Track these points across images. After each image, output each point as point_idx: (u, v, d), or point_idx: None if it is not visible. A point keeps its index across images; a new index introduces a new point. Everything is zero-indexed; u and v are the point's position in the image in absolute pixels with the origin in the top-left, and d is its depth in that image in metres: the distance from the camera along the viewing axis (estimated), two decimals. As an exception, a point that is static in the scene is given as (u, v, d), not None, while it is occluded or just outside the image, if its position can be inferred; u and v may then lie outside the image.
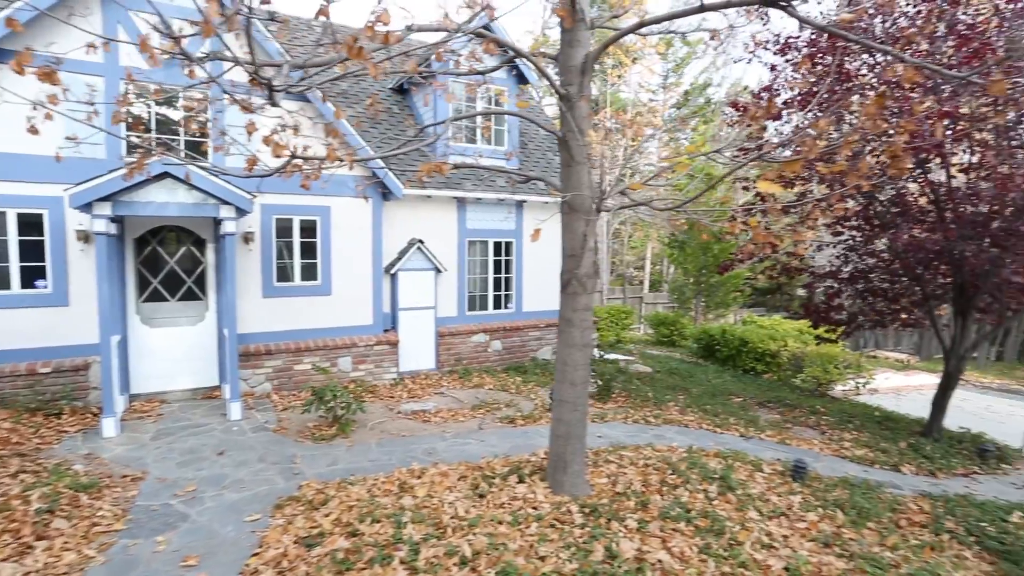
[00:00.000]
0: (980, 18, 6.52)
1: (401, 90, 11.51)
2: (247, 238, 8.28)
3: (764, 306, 25.23)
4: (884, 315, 8.44)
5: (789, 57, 7.87)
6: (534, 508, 4.68)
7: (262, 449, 6.19)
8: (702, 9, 4.08)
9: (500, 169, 5.41)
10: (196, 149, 7.83)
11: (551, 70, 5.15)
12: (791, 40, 7.80)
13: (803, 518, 4.99)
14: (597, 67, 29.57)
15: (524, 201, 10.90)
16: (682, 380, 11.19)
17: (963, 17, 6.76)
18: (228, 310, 7.24)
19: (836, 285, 8.53)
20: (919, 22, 6.68)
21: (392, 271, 9.67)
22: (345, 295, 9.14)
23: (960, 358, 8.08)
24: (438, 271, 10.12)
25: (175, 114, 7.78)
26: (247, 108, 2.93)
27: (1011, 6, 6.49)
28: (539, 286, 11.33)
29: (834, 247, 8.70)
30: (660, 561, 4.00)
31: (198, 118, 7.81)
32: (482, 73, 5.35)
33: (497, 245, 11.03)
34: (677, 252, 17.77)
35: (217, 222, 7.56)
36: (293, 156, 3.86)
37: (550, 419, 5.52)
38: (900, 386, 15.07)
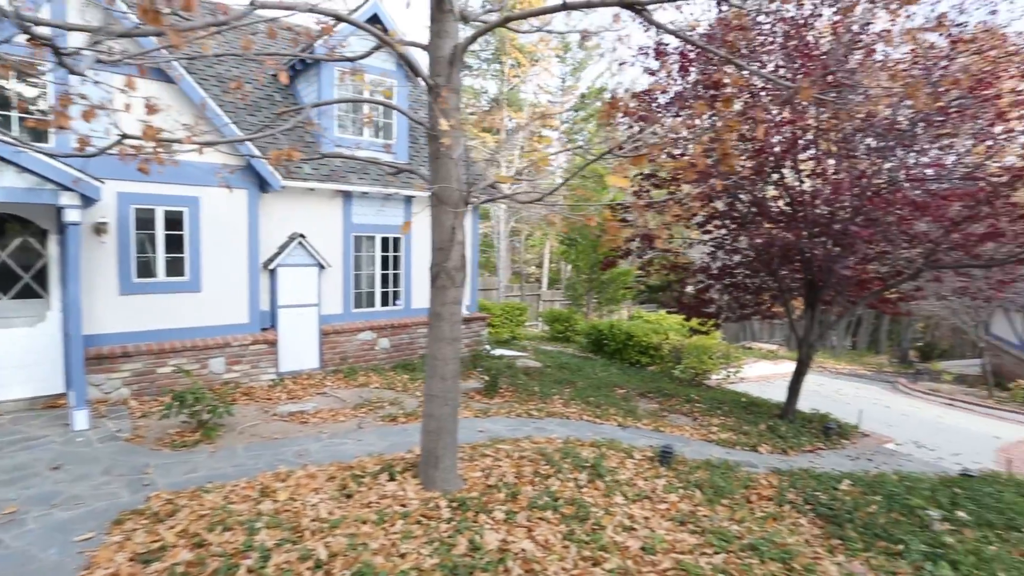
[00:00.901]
0: (821, 39, 7.22)
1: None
2: (99, 229, 7.52)
3: (656, 302, 26.60)
4: (748, 308, 9.14)
5: (663, 63, 8.30)
6: (402, 506, 4.59)
7: (109, 461, 5.63)
8: (564, 7, 4.17)
9: (372, 160, 5.26)
10: (37, 131, 6.99)
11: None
12: (661, 46, 8.23)
13: (665, 499, 5.26)
14: (497, 66, 29.86)
15: (413, 196, 10.73)
16: (570, 374, 11.51)
17: (809, 39, 7.46)
18: (73, 309, 6.53)
19: (707, 280, 9.12)
20: (774, 38, 7.29)
21: (271, 267, 9.17)
22: (217, 292, 8.55)
23: (810, 346, 8.91)
24: (321, 267, 9.72)
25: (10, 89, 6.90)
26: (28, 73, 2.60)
27: (839, 30, 7.22)
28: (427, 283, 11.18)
29: (704, 244, 9.31)
30: (523, 550, 4.05)
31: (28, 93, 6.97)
32: (351, 59, 5.18)
33: (385, 241, 10.78)
34: (570, 250, 18.30)
35: (59, 210, 6.79)
36: (124, 136, 3.52)
37: (426, 415, 5.45)
38: (769, 374, 16.40)
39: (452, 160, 4.63)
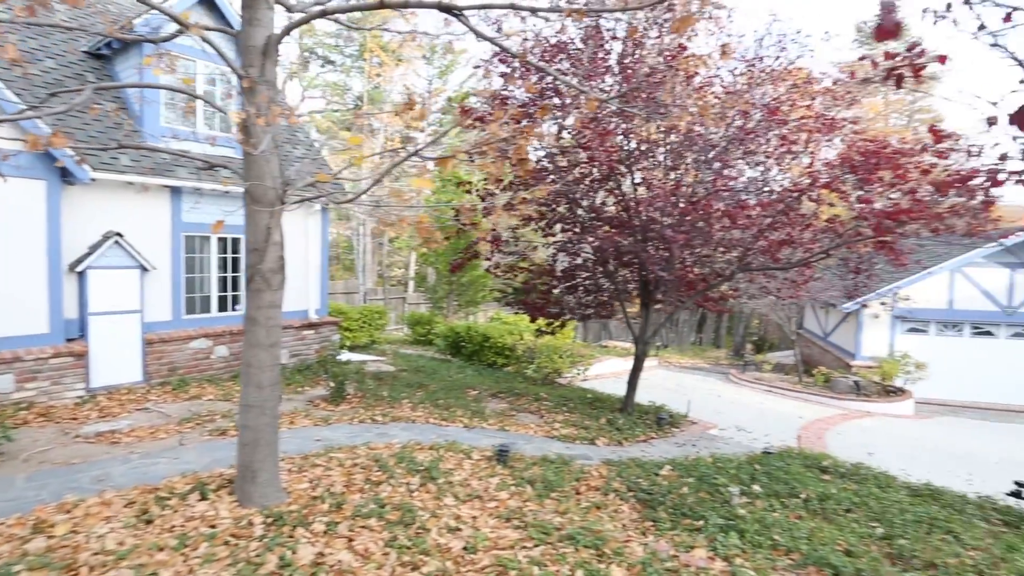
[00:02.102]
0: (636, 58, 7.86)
1: (99, 55, 9.76)
2: None
3: (523, 304, 27.30)
4: (590, 308, 9.67)
5: (507, 69, 8.53)
6: (210, 527, 4.24)
7: None
8: (382, 6, 4.11)
9: (182, 153, 4.83)
10: None
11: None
12: (504, 54, 8.47)
13: (496, 497, 5.36)
14: (363, 63, 29.04)
15: (255, 194, 10.05)
16: (425, 377, 11.43)
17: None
18: None
19: (551, 281, 9.51)
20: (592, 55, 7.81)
21: (79, 269, 8.12)
22: (6, 297, 7.40)
23: (645, 343, 9.61)
24: (144, 269, 8.78)
25: None
26: None
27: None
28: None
29: (548, 247, 9.71)
30: (340, 561, 3.91)
31: None
32: (154, 41, 4.73)
33: (224, 241, 10.01)
34: (429, 252, 18.22)
35: None
36: None
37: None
38: (621, 371, 17.45)
39: (265, 156, 4.37)
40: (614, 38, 7.66)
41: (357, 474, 5.44)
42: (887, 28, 1.77)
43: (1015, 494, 6.34)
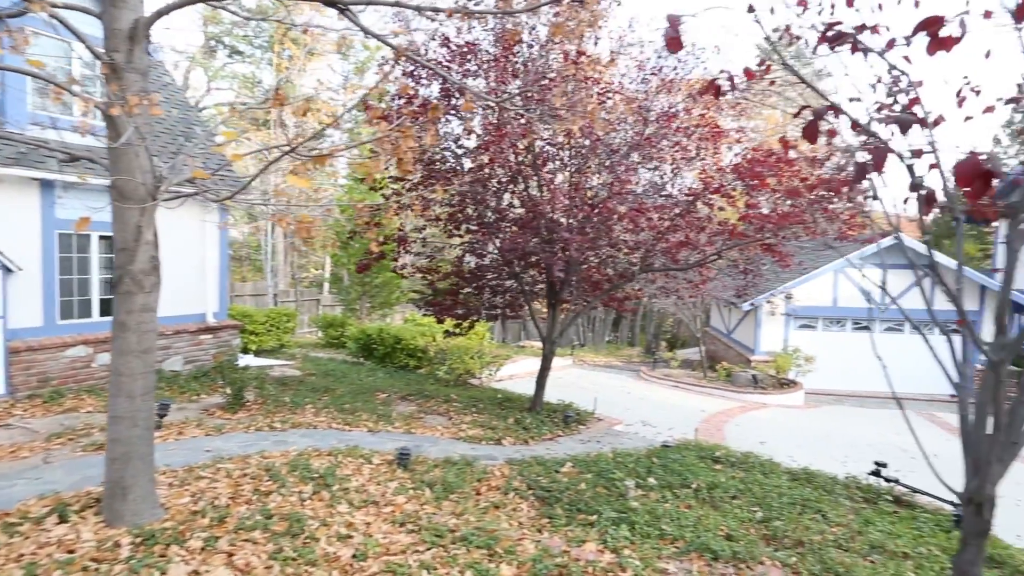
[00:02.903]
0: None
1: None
2: None
3: (430, 304, 27.08)
4: (497, 308, 9.74)
5: (410, 68, 8.43)
6: (68, 552, 3.90)
7: None
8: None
9: (39, 143, 4.42)
10: None
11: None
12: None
13: (393, 502, 5.27)
14: (272, 55, 27.81)
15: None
16: (333, 381, 11.10)
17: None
18: None
19: (459, 282, 9.50)
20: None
21: (-73, 270, 7.26)
22: None
23: (553, 343, 9.79)
24: (7, 270, 7.98)
25: None
26: None
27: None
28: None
29: (455, 248, 9.69)
30: (216, 579, 3.70)
31: None
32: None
33: (106, 240, 9.26)
34: (341, 253, 17.73)
35: None
36: None
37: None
38: (536, 370, 17.69)
39: (134, 149, 4.07)
40: (519, 41, 7.77)
41: (246, 485, 5.19)
42: (672, 40, 1.88)
43: (875, 473, 6.96)
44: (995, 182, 1.29)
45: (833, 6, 2.77)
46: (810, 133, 1.92)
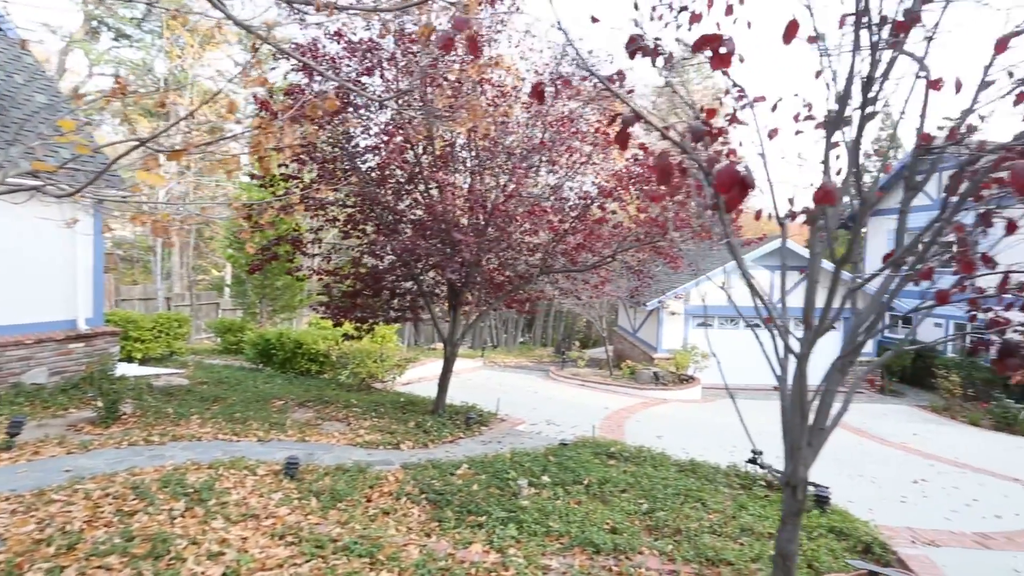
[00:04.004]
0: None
1: None
2: None
3: (326, 307, 26.30)
4: (396, 311, 9.59)
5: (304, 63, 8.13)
6: None
7: None
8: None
9: None
10: None
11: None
12: (299, 46, 8.10)
13: (274, 514, 5.05)
14: (162, 42, 25.96)
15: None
16: (226, 389, 10.50)
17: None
18: None
19: (357, 284, 9.26)
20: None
21: None
22: None
23: (454, 345, 9.76)
24: None
25: None
26: None
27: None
28: (22, 292, 8.96)
29: (353, 250, 9.46)
30: (58, 611, 3.38)
31: None
32: None
33: (-48, 238, 8.26)
34: (237, 254, 16.85)
35: None
36: None
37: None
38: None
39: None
40: (412, 40, 7.69)
41: (106, 506, 4.79)
42: (620, 139, 1.93)
43: (752, 460, 7.44)
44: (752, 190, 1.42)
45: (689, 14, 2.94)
46: (620, 140, 2.02)
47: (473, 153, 8.87)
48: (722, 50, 1.54)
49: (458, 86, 6.99)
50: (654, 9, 3.47)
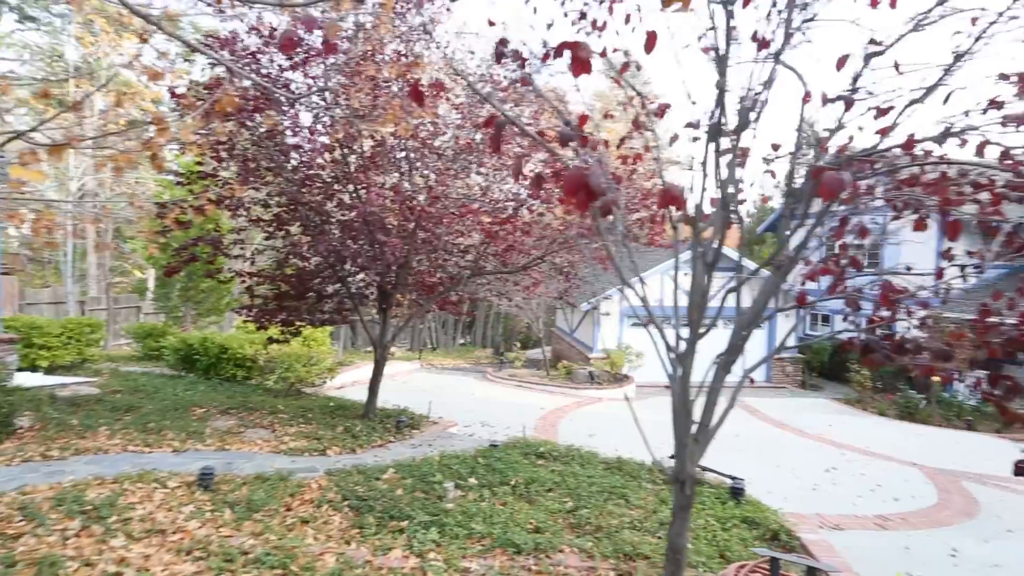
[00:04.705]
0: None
1: None
2: None
3: (248, 310, 25.37)
4: (324, 313, 9.36)
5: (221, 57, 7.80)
6: None
7: None
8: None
9: None
10: None
11: None
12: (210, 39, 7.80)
13: (183, 528, 4.82)
14: (74, 27, 24.32)
15: None
16: (143, 398, 9.94)
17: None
18: None
19: (282, 286, 8.98)
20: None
21: None
22: None
23: (384, 348, 9.61)
24: None
25: None
26: None
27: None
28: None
29: (279, 251, 9.17)
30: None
31: None
32: None
33: None
34: (158, 255, 15.97)
35: None
36: None
37: None
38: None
39: None
40: (336, 34, 7.50)
41: (-12, 529, 4.43)
42: (493, 142, 1.92)
43: (674, 456, 7.69)
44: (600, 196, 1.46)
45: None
46: (493, 143, 2.04)
47: (403, 154, 8.77)
48: (581, 55, 1.58)
49: (383, 86, 6.87)
50: (566, 15, 3.54)
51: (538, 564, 4.68)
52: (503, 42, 2.09)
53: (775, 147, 2.50)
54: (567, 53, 1.60)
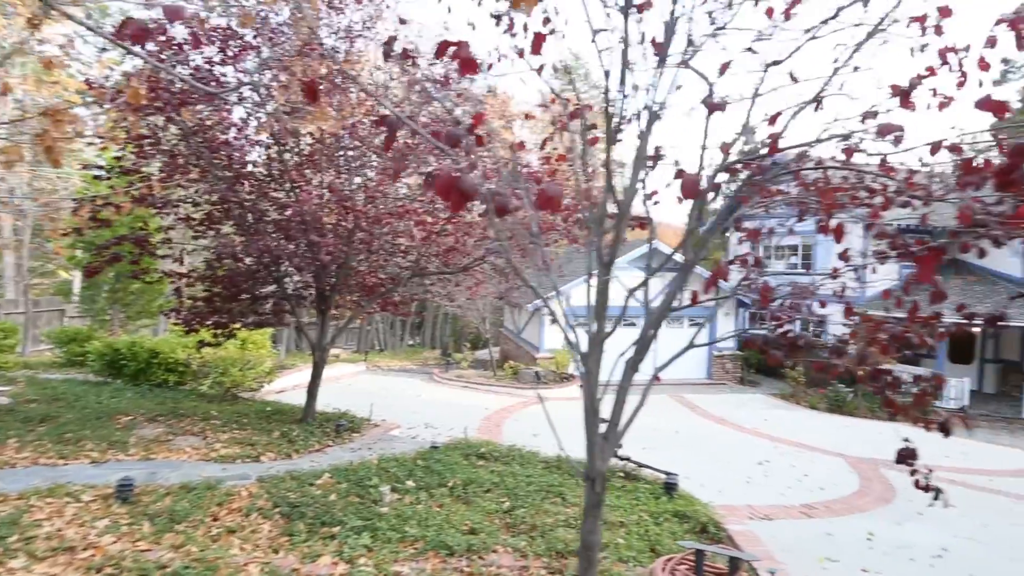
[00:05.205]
0: None
1: None
2: None
3: (176, 312, 24.45)
4: (260, 315, 9.07)
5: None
6: None
7: None
8: None
9: None
10: None
11: None
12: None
13: (95, 544, 4.56)
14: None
15: None
16: (62, 407, 9.38)
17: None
18: None
19: (213, 287, 8.64)
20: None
21: None
22: None
23: (323, 350, 9.40)
24: None
25: None
26: None
27: None
28: None
29: (209, 251, 8.83)
30: None
31: None
32: None
33: None
34: (83, 255, 15.11)
35: None
36: None
37: None
38: (323, 378, 16.92)
39: None
40: (274, 31, 7.29)
41: None
42: (387, 142, 1.89)
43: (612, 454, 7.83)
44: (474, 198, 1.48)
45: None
46: (388, 143, 2.03)
47: (341, 152, 8.59)
48: (463, 55, 1.58)
49: (316, 83, 6.67)
50: (497, 19, 3.54)
51: (470, 566, 4.67)
52: (390, 41, 2.06)
53: (656, 153, 2.57)
54: (451, 51, 1.59)
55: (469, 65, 1.59)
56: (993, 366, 18.62)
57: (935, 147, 2.11)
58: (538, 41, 2.00)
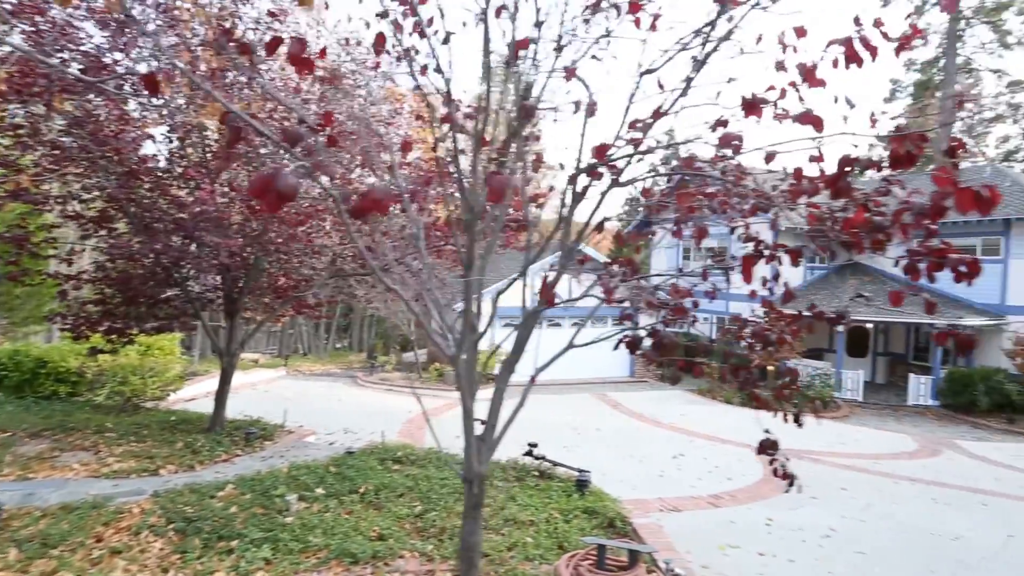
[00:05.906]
0: None
1: None
2: None
3: (62, 317, 22.91)
4: (161, 319, 8.54)
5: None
6: None
7: None
8: None
9: None
10: None
11: None
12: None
13: (-50, 575, 4.14)
14: None
15: None
16: (-73, 424, 8.47)
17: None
18: None
19: (105, 290, 8.05)
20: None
21: None
22: None
23: (232, 355, 8.97)
24: None
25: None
26: None
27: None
28: None
29: (100, 251, 8.23)
30: None
31: None
32: None
33: None
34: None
35: None
36: None
37: None
38: (238, 384, 16.15)
39: None
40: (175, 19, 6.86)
41: None
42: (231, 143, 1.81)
43: (528, 453, 7.93)
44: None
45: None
46: (231, 143, 1.97)
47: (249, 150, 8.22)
48: (295, 51, 1.54)
49: (155, 75, 6.33)
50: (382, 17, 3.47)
51: (375, 572, 4.58)
52: (226, 32, 1.98)
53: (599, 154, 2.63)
54: (282, 48, 1.54)
55: (303, 62, 1.54)
56: (884, 359, 20.22)
57: (769, 157, 2.26)
58: (379, 42, 1.96)
